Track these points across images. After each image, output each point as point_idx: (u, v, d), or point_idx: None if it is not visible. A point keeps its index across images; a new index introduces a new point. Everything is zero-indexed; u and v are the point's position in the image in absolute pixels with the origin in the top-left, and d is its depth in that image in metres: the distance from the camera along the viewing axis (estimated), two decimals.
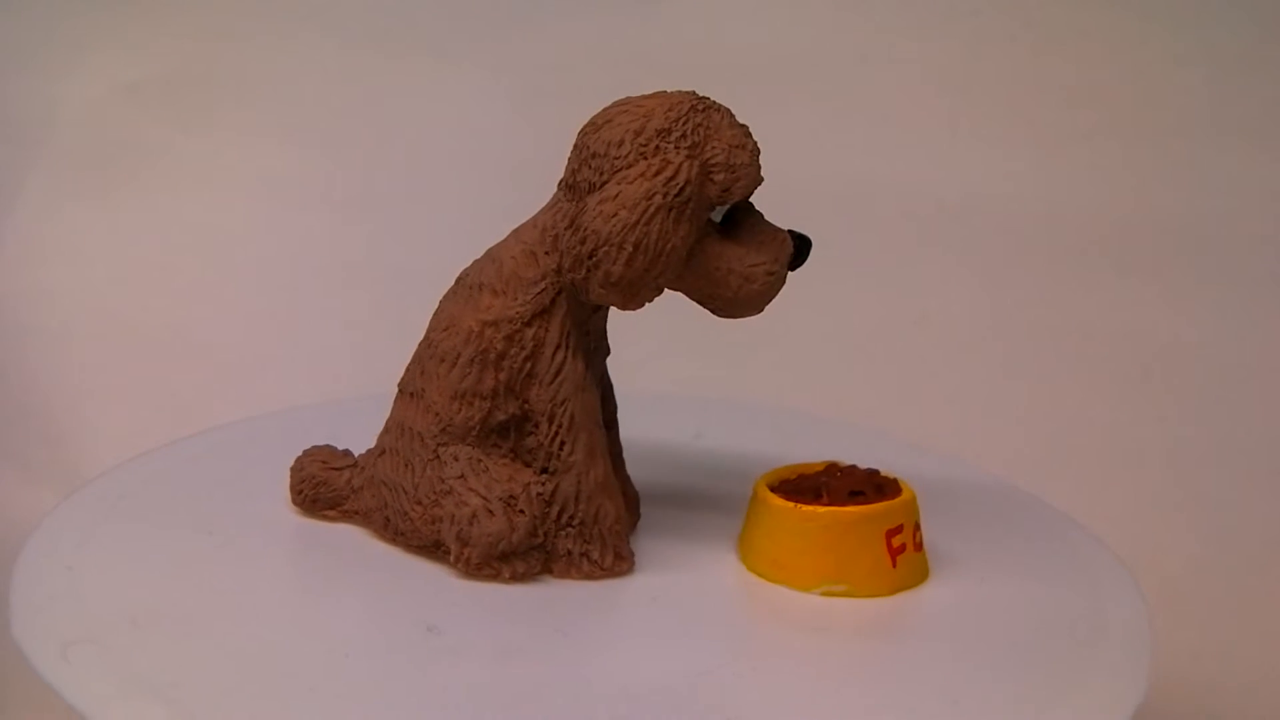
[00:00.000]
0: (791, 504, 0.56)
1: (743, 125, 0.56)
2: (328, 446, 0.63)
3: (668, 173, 0.53)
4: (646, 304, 0.55)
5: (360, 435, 0.74)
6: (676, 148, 0.53)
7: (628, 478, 0.63)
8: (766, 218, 0.57)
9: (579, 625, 0.53)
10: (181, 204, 1.09)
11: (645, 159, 0.53)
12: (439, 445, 0.57)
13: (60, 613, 0.51)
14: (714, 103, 0.56)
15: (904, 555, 0.56)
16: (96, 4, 1.09)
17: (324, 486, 0.61)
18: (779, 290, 0.57)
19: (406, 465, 0.58)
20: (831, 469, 0.59)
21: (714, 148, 0.54)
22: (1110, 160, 1.02)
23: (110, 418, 1.01)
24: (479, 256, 0.60)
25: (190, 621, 0.51)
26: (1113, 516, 0.68)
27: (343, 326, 1.07)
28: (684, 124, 0.54)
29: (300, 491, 0.62)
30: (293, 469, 0.62)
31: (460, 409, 0.57)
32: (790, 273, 0.57)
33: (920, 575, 0.57)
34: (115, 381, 1.04)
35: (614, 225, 0.53)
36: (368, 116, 1.09)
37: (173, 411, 0.94)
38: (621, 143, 0.54)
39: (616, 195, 0.53)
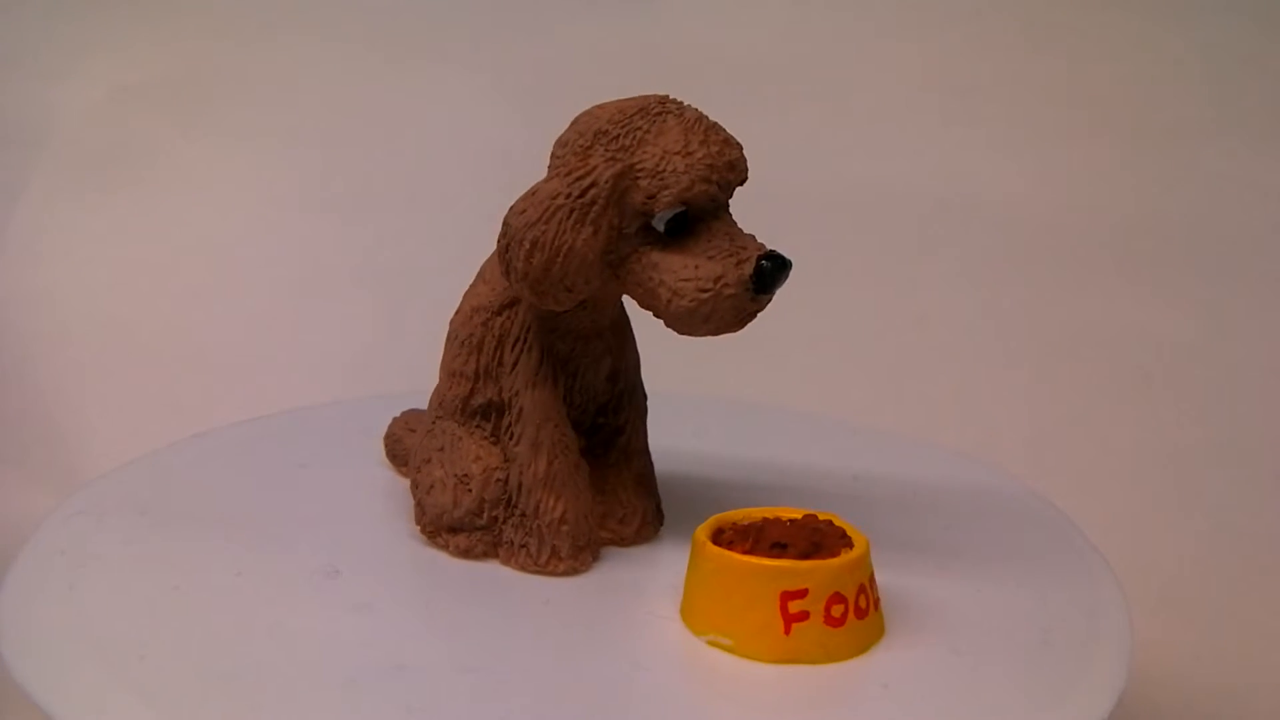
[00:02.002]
0: (703, 539, 0.52)
1: (705, 134, 0.53)
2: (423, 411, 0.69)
3: (579, 173, 0.52)
4: (568, 304, 0.55)
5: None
6: (606, 150, 0.53)
7: (642, 489, 0.61)
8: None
9: (450, 603, 0.54)
10: (181, 206, 1.09)
11: (576, 159, 0.53)
12: (436, 418, 0.61)
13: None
14: (676, 107, 0.54)
15: (805, 625, 0.49)
16: (96, 6, 1.09)
17: (399, 445, 0.69)
18: (728, 311, 0.53)
19: (421, 433, 0.62)
20: (807, 520, 0.53)
21: (646, 153, 0.52)
22: (1110, 160, 1.02)
23: (110, 420, 1.01)
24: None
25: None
26: (1112, 517, 0.68)
27: (343, 328, 1.07)
28: (623, 126, 0.53)
29: (387, 447, 0.70)
30: (389, 425, 0.71)
31: (451, 386, 0.60)
32: (760, 296, 0.52)
33: (834, 652, 0.49)
34: (115, 383, 1.04)
35: (521, 221, 0.53)
36: (368, 118, 1.09)
37: (172, 413, 0.94)
38: (568, 143, 0.54)
39: (534, 193, 0.53)
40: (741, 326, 0.54)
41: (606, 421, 0.62)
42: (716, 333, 0.53)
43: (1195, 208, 1.00)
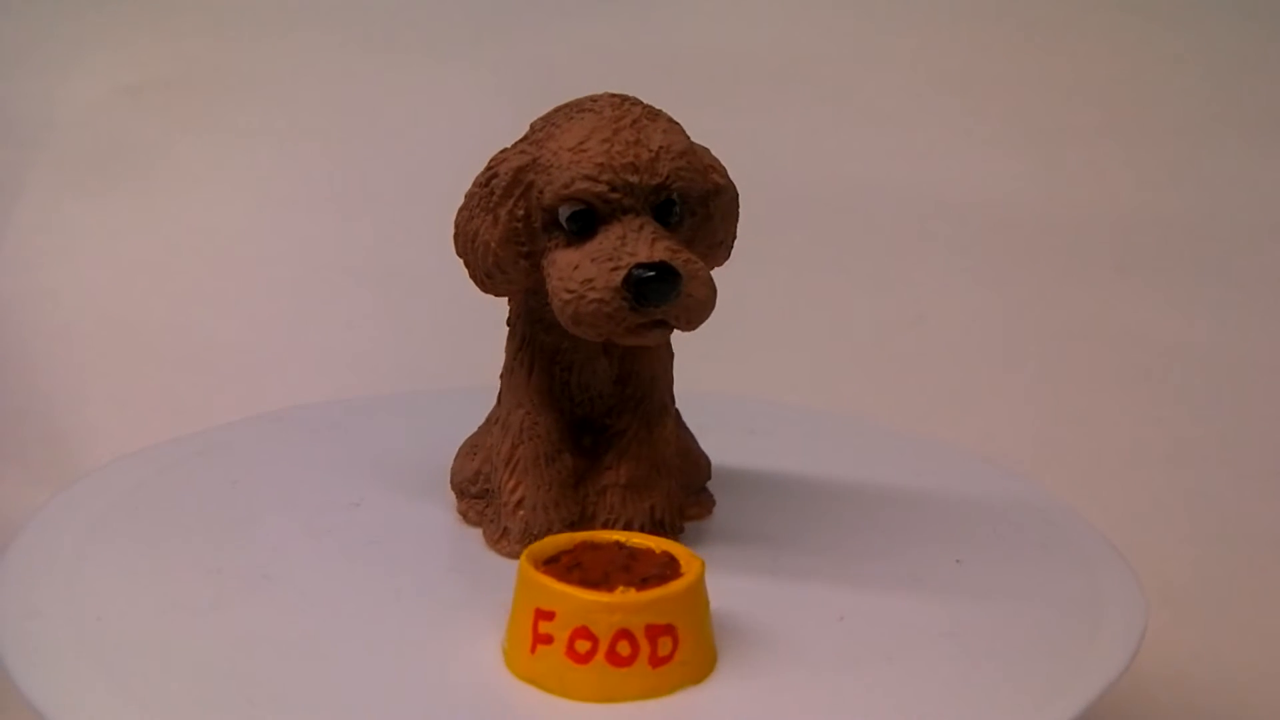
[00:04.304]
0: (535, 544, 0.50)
1: (614, 132, 0.51)
2: None
3: (492, 163, 0.54)
4: (495, 292, 0.57)
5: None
6: (525, 142, 0.54)
7: (634, 497, 0.59)
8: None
9: (385, 559, 0.57)
10: (182, 204, 1.09)
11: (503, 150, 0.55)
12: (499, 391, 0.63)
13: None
14: (602, 105, 0.53)
15: (548, 649, 0.46)
16: (96, 5, 1.09)
17: None
18: (598, 318, 0.50)
19: None
20: (665, 556, 0.49)
21: (548, 148, 0.53)
22: (1110, 160, 1.02)
23: (110, 418, 1.01)
24: None
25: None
26: (1113, 517, 0.68)
27: (343, 326, 1.07)
28: (546, 120, 0.54)
29: None
30: None
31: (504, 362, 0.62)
32: (646, 307, 0.50)
33: (571, 688, 0.46)
34: (115, 382, 1.04)
35: (459, 207, 0.56)
36: (368, 116, 1.09)
37: (173, 412, 0.94)
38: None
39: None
40: (638, 339, 0.52)
41: (611, 424, 0.61)
42: (601, 338, 0.52)
43: (1195, 207, 1.00)
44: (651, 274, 0.49)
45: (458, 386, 0.67)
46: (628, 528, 0.58)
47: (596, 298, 0.50)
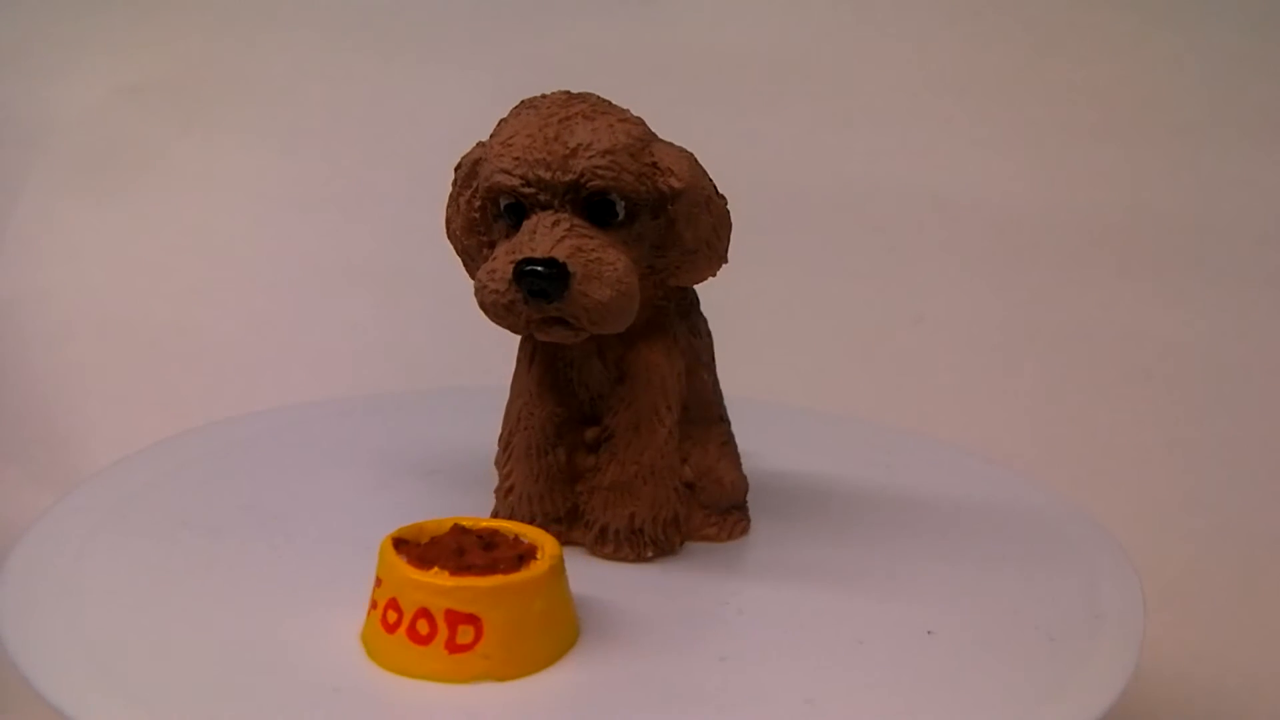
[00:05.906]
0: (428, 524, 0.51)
1: (540, 129, 0.52)
2: None
3: (461, 157, 0.56)
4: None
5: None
6: (487, 138, 0.55)
7: (616, 501, 0.58)
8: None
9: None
10: (181, 205, 1.09)
11: None
12: None
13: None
14: (545, 102, 0.54)
15: (373, 615, 0.48)
16: (96, 5, 1.09)
17: None
18: (499, 309, 0.51)
19: None
20: (517, 553, 0.49)
21: (490, 143, 0.54)
22: (1110, 160, 1.02)
23: (110, 418, 1.01)
24: None
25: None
26: (1113, 517, 0.68)
27: (342, 326, 1.07)
28: (504, 117, 0.55)
29: None
30: None
31: None
32: (539, 302, 0.50)
33: (380, 655, 0.47)
34: (115, 382, 1.04)
35: None
36: (367, 117, 1.09)
37: (173, 412, 0.94)
38: None
39: None
40: (544, 335, 0.52)
41: (607, 424, 0.60)
42: (516, 330, 0.53)
43: (1195, 207, 1.00)
44: (536, 268, 0.50)
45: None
46: (604, 531, 0.57)
47: (495, 289, 0.51)
